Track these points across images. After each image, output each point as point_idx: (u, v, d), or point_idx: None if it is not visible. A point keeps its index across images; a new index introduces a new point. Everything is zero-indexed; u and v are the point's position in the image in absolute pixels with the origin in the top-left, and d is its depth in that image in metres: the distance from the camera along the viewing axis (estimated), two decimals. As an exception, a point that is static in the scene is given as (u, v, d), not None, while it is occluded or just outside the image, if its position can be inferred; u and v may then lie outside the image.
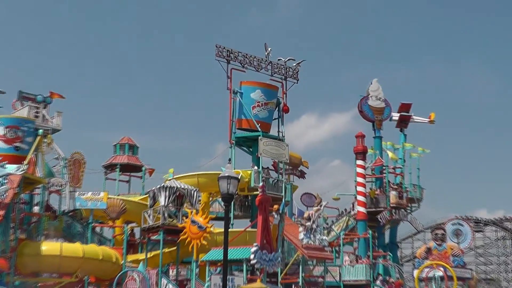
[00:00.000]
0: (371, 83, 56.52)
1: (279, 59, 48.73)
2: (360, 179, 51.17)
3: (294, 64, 49.08)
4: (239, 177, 25.39)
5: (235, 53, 46.17)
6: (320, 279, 41.62)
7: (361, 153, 51.48)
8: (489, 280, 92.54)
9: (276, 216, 35.46)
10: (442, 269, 41.94)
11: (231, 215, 42.73)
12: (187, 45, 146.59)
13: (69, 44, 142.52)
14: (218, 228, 38.91)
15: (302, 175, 52.30)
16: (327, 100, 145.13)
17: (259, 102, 45.98)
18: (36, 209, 37.48)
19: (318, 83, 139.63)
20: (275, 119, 47.71)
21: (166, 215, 35.81)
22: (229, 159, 33.26)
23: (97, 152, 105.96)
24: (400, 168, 55.79)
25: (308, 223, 39.04)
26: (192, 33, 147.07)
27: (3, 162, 33.72)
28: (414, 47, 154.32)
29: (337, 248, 49.90)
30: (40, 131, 37.55)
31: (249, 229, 38.36)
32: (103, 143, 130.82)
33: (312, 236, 38.94)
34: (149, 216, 36.85)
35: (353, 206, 52.12)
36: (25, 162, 34.58)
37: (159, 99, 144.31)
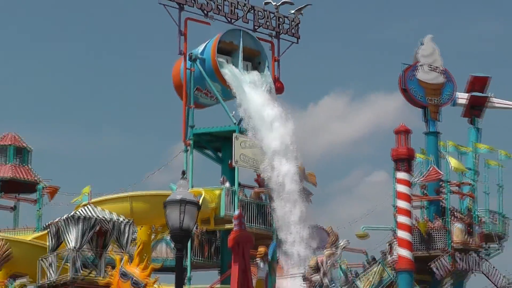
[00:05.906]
0: (422, 43, 47.90)
1: (266, 3, 40.50)
2: (402, 203, 41.90)
3: (293, 12, 41.06)
4: (200, 201, 27.21)
5: (193, -9, 39.51)
6: None
7: (404, 161, 42.70)
8: None
9: (262, 265, 31.62)
10: None
11: (187, 263, 38.41)
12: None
13: None
14: (165, 285, 32.62)
15: (306, 198, 44.01)
16: (356, 73, 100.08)
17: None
18: None
19: (334, 41, 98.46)
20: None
21: (78, 264, 31.45)
22: (183, 172, 22.49)
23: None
24: (470, 185, 48.29)
25: (316, 277, 33.14)
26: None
27: None
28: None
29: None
30: None
31: (218, 286, 35.21)
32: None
33: (322, 298, 35.32)
34: (50, 266, 32.41)
35: (390, 249, 45.40)
36: None
37: (63, 67, 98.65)
